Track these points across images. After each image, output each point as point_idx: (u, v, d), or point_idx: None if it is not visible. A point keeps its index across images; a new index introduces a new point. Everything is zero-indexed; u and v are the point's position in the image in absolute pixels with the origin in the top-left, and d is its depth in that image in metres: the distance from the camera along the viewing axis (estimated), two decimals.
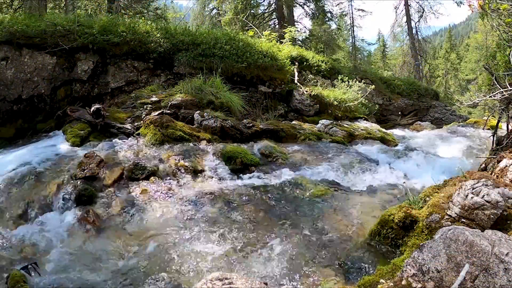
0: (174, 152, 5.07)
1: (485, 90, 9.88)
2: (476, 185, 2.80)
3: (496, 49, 8.92)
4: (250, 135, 6.15)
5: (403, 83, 13.74)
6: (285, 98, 9.07)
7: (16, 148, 5.80)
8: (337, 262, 3.00)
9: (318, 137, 6.60)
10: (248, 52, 8.51)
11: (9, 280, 2.76)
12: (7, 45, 7.08)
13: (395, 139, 7.33)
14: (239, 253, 3.16)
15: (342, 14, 21.32)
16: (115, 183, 4.35)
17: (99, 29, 7.54)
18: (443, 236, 2.09)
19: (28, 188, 4.25)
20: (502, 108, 4.09)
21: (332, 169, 5.04)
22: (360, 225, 3.52)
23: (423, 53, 23.87)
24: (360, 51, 24.37)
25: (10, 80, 7.02)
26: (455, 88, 35.18)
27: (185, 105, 6.52)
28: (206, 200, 4.08)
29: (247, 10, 17.90)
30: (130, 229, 3.64)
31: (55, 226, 3.70)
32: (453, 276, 1.92)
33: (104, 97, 7.53)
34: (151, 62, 7.97)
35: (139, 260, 3.15)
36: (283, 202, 4.08)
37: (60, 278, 2.94)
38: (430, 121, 11.84)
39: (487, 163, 3.95)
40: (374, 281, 2.36)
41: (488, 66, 4.36)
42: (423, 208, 3.01)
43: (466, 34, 57.20)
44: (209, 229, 3.55)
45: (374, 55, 33.25)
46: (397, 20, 23.90)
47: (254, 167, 5.00)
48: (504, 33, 4.43)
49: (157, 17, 14.33)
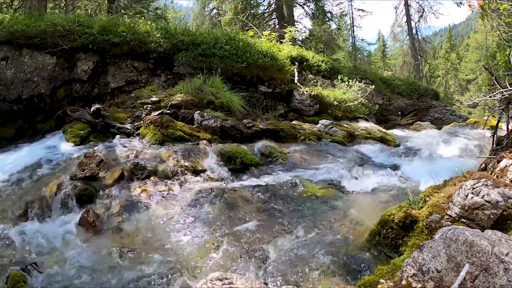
0: (174, 152, 5.07)
1: (485, 90, 9.88)
2: (476, 185, 2.79)
3: (496, 49, 8.93)
4: (250, 135, 6.15)
5: (403, 83, 13.75)
6: (285, 98, 9.08)
7: (16, 148, 5.80)
8: (337, 262, 2.99)
9: (318, 137, 6.60)
10: (248, 52, 8.51)
11: (9, 280, 2.76)
12: (7, 45, 7.08)
13: (395, 139, 7.33)
14: (239, 253, 3.16)
15: (342, 14, 21.38)
16: (115, 183, 4.34)
17: (99, 29, 7.54)
18: (443, 236, 2.09)
19: (28, 188, 4.25)
20: (502, 108, 4.09)
21: (332, 169, 5.04)
22: (360, 225, 3.52)
23: (423, 53, 23.89)
24: (360, 51, 24.40)
25: (10, 80, 7.02)
26: (455, 88, 35.21)
27: (185, 105, 6.52)
28: (206, 200, 4.08)
29: (247, 10, 17.91)
30: (130, 229, 3.64)
31: (55, 226, 3.70)
32: (453, 276, 1.92)
33: (104, 97, 7.53)
34: (151, 62, 7.97)
35: (138, 260, 3.14)
36: (283, 202, 4.08)
37: (60, 278, 2.94)
38: (430, 121, 11.85)
39: (487, 163, 3.95)
40: (374, 281, 2.36)
41: (488, 66, 4.36)
42: (423, 208, 3.01)
43: (466, 34, 57.19)
44: (209, 229, 3.54)
45: (374, 55, 33.27)
46: (397, 20, 23.94)
47: (254, 167, 5.00)
48: (504, 33, 4.43)
49: (157, 17, 14.34)
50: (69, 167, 4.61)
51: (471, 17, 66.90)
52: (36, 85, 7.15)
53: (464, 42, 44.55)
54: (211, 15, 22.91)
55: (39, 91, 7.16)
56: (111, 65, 7.67)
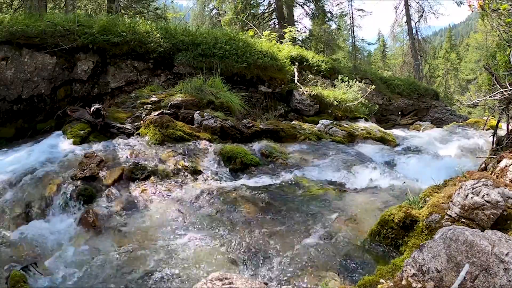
0: (174, 152, 5.07)
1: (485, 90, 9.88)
2: (476, 185, 2.79)
3: (496, 49, 8.93)
4: (250, 135, 6.15)
5: (403, 83, 13.76)
6: (285, 98, 9.08)
7: (16, 148, 5.80)
8: (337, 262, 2.99)
9: (318, 137, 6.60)
10: (248, 52, 8.52)
11: (9, 280, 2.76)
12: (7, 45, 7.08)
13: (395, 139, 7.34)
14: (239, 253, 3.16)
15: (342, 14, 21.37)
16: (115, 183, 4.34)
17: (99, 29, 7.54)
18: (443, 236, 2.09)
19: (28, 188, 4.25)
20: (502, 108, 4.09)
21: (332, 169, 5.04)
22: (360, 225, 3.51)
23: (423, 53, 23.89)
24: (360, 51, 24.41)
25: (10, 80, 7.02)
26: (455, 88, 35.22)
27: (185, 105, 6.52)
28: (206, 200, 4.08)
29: (247, 10, 17.92)
30: (130, 229, 3.63)
31: (55, 226, 3.70)
32: (453, 276, 1.92)
33: (104, 97, 7.53)
34: (151, 62, 7.97)
35: (138, 260, 3.14)
36: (283, 202, 4.08)
37: (60, 278, 2.94)
38: (430, 121, 11.85)
39: (487, 163, 3.94)
40: (374, 281, 2.36)
41: (488, 66, 4.35)
42: (423, 208, 3.01)
43: (466, 34, 57.22)
44: (209, 229, 3.54)
45: (374, 55, 33.30)
46: (397, 20, 23.95)
47: (254, 167, 5.00)
48: (504, 33, 4.42)
49: (157, 17, 14.36)
50: (69, 167, 4.61)
51: (471, 17, 66.98)
52: (36, 85, 7.15)
53: (464, 42, 44.58)
54: (211, 15, 22.93)
55: (39, 91, 7.16)
56: (111, 65, 7.67)
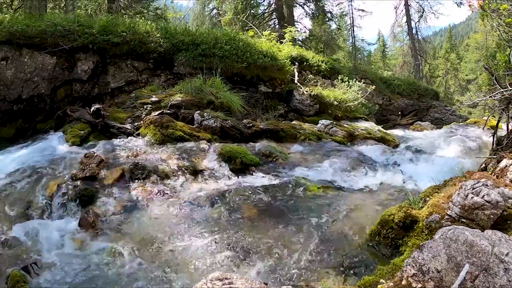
0: (174, 152, 5.07)
1: (485, 90, 9.88)
2: (476, 185, 2.79)
3: (496, 49, 8.93)
4: (250, 135, 6.15)
5: (403, 83, 13.75)
6: (285, 98, 9.07)
7: (16, 148, 5.80)
8: (337, 262, 3.00)
9: (318, 137, 6.60)
10: (248, 52, 8.51)
11: (9, 280, 2.76)
12: (7, 45, 7.09)
13: (395, 139, 7.33)
14: (239, 253, 3.16)
15: (342, 14, 21.34)
16: (115, 183, 4.34)
17: (99, 29, 7.54)
18: (443, 236, 2.09)
19: (28, 188, 4.25)
20: (502, 108, 4.09)
21: (332, 169, 5.04)
22: (360, 225, 3.51)
23: (423, 53, 23.87)
24: (360, 51, 24.42)
25: (10, 80, 7.02)
26: (455, 88, 35.21)
27: (185, 105, 6.52)
28: (206, 200, 4.07)
29: (247, 10, 17.92)
30: (129, 229, 3.64)
31: (55, 226, 3.70)
32: (453, 276, 1.92)
33: (104, 97, 7.53)
34: (151, 62, 7.97)
35: (138, 260, 3.14)
36: (283, 202, 4.08)
37: (60, 278, 2.94)
38: (430, 121, 11.84)
39: (487, 163, 3.95)
40: (374, 281, 2.36)
41: (488, 66, 4.36)
42: (423, 208, 3.01)
43: (466, 34, 57.18)
44: (209, 229, 3.54)
45: (374, 55, 33.29)
46: (397, 20, 23.93)
47: (254, 167, 5.00)
48: (504, 33, 4.43)
49: (157, 17, 14.36)
50: (69, 167, 4.61)
51: (471, 17, 66.92)
52: (36, 85, 7.15)
53: (464, 42, 44.55)
54: (211, 15, 22.91)
55: (39, 91, 7.16)
56: (111, 65, 7.67)
